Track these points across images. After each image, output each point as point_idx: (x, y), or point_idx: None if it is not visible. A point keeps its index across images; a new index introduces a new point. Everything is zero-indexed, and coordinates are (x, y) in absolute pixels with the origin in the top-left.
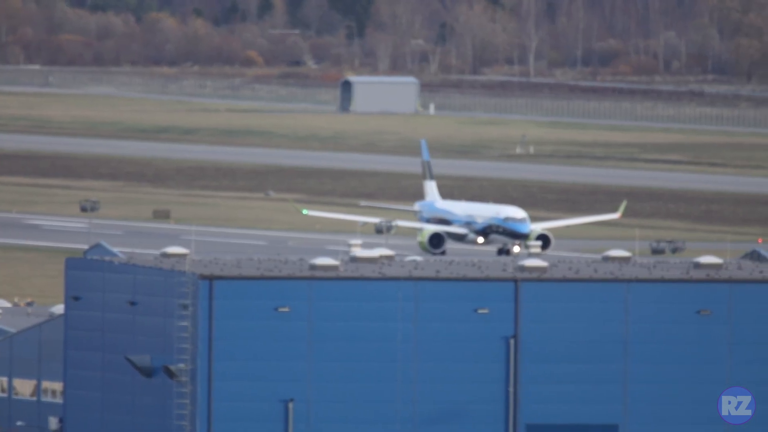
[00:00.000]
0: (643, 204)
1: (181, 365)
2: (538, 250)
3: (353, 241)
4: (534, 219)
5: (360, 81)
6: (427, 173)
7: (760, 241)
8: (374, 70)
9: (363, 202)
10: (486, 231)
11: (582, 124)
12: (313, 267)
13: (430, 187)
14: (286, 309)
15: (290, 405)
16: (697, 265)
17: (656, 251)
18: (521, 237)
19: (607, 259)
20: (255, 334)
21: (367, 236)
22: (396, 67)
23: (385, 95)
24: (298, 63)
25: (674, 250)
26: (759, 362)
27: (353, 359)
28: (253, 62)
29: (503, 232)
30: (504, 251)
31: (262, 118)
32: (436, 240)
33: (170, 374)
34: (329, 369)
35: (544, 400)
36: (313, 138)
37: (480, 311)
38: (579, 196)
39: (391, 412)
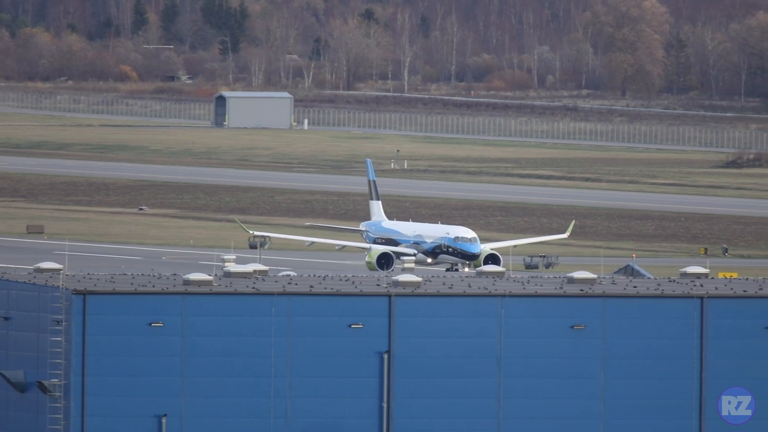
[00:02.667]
0: (517, 219)
1: (55, 380)
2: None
3: (227, 257)
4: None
5: (234, 96)
6: (373, 193)
7: (634, 256)
8: (248, 86)
9: (308, 222)
10: (435, 251)
11: (456, 139)
12: (187, 282)
13: (377, 207)
14: (159, 324)
15: (164, 420)
16: (571, 280)
17: (530, 266)
18: (471, 257)
19: (481, 273)
20: (129, 349)
21: (241, 251)
22: (270, 82)
23: (260, 110)
24: (172, 78)
25: (548, 266)
26: (630, 377)
27: (227, 374)
28: (127, 77)
29: (453, 252)
30: (453, 271)
31: (136, 133)
32: (385, 260)
33: (44, 389)
34: (203, 384)
35: (418, 414)
36: (187, 153)
37: (354, 326)
38: (453, 211)
39: (265, 427)
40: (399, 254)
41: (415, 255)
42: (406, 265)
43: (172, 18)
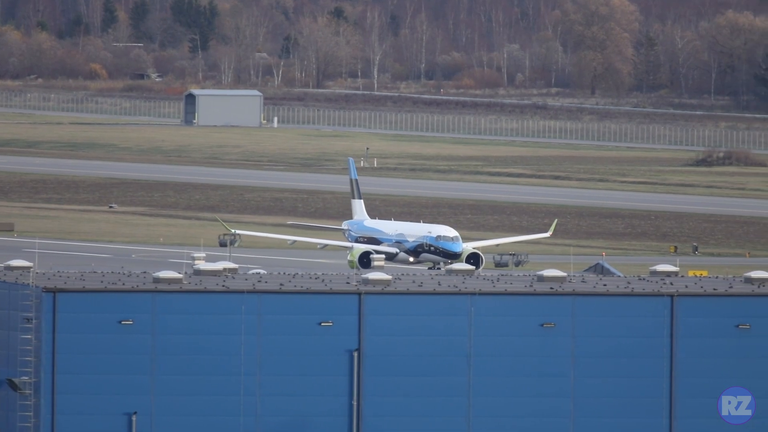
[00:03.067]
0: (486, 217)
1: (25, 378)
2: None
3: (196, 254)
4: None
5: (204, 94)
6: (355, 192)
7: (603, 254)
8: (218, 84)
9: (291, 221)
10: (417, 250)
11: (426, 137)
12: (157, 280)
13: (359, 206)
14: (129, 322)
15: (134, 418)
16: (541, 278)
17: (499, 264)
18: (453, 256)
19: (451, 272)
20: (99, 347)
21: (211, 249)
22: (240, 80)
23: (229, 108)
24: (141, 76)
25: (517, 264)
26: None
27: (197, 372)
28: (97, 75)
29: (435, 251)
30: (436, 269)
31: (106, 131)
32: (367, 259)
33: (14, 387)
34: (173, 381)
35: (388, 412)
36: (157, 151)
37: (324, 324)
38: (422, 209)
39: (234, 425)
40: (381, 253)
41: (396, 254)
42: (376, 263)
43: (141, 16)
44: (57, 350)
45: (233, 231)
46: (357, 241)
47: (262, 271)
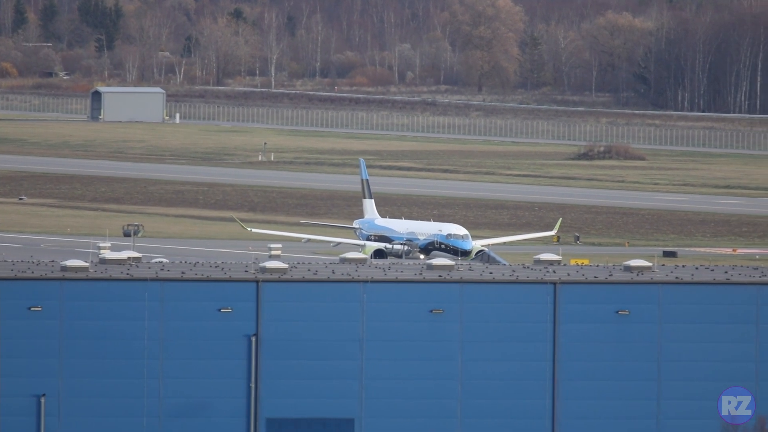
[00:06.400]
0: (379, 209)
1: None
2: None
3: (102, 244)
4: (273, 223)
5: (109, 91)
6: (366, 191)
7: (489, 244)
8: (123, 81)
9: (303, 221)
10: (428, 248)
11: (321, 132)
12: (65, 268)
13: (369, 205)
14: (38, 308)
15: (42, 400)
16: (430, 267)
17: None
18: (463, 254)
19: (344, 260)
20: (9, 332)
21: (116, 239)
22: (144, 78)
23: (133, 105)
24: (50, 74)
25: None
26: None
27: (103, 356)
28: (7, 73)
29: (445, 249)
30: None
31: (16, 127)
32: (379, 257)
33: None
34: (80, 365)
35: (284, 395)
36: (65, 145)
37: (223, 310)
38: (318, 201)
39: (138, 407)
40: (392, 251)
41: (408, 251)
42: (273, 252)
43: (50, 17)
44: None
45: (250, 229)
46: (368, 239)
47: (164, 260)
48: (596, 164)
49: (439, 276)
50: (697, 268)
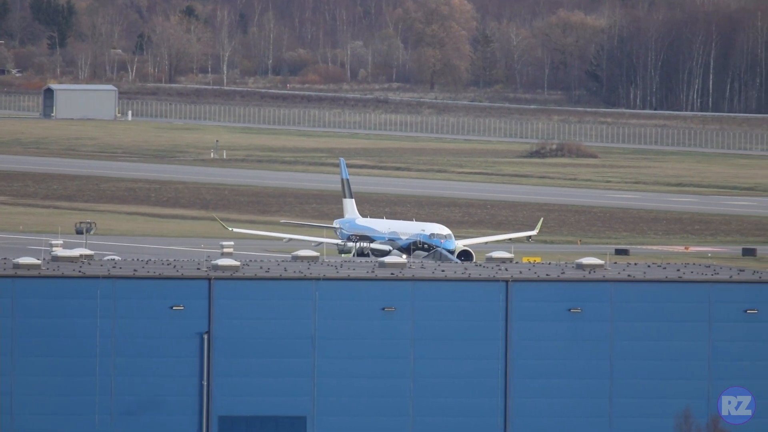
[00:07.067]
0: (331, 206)
1: None
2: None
3: (54, 242)
4: (226, 221)
5: (61, 89)
6: (346, 191)
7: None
8: (75, 79)
9: (283, 220)
10: (410, 247)
11: (273, 129)
12: (17, 266)
13: (350, 205)
14: None
15: None
16: (383, 264)
17: (343, 251)
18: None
19: (296, 258)
20: None
21: (68, 236)
22: (96, 75)
23: (86, 102)
24: (2, 71)
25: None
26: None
27: (55, 353)
28: None
29: (428, 249)
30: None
31: None
32: (361, 257)
33: None
34: (32, 363)
35: (236, 393)
36: (17, 143)
37: (175, 308)
38: (270, 198)
39: (91, 404)
40: (376, 250)
41: (389, 251)
42: (225, 250)
43: (2, 14)
44: None
45: (231, 229)
46: (349, 239)
47: (116, 258)
48: (548, 162)
49: (391, 274)
50: (649, 266)
